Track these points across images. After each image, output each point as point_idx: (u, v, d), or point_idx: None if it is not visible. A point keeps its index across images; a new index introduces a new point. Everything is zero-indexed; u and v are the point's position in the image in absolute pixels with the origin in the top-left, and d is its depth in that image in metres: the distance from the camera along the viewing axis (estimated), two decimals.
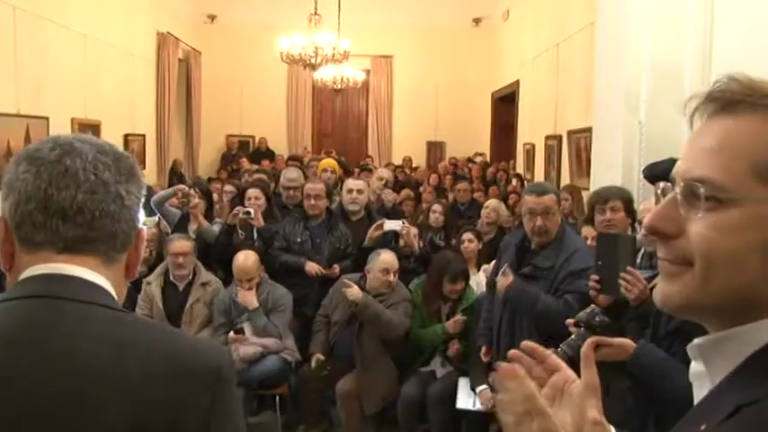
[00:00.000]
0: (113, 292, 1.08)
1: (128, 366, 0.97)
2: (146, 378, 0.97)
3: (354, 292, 4.43)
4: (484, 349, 3.99)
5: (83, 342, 0.98)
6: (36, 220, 1.03)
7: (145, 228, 1.16)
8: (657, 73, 5.08)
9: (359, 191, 5.32)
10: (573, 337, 2.53)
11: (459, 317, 4.51)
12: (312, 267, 4.95)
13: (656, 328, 2.64)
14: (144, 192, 1.14)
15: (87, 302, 1.02)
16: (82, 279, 1.04)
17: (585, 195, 4.43)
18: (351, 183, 5.40)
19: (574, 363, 2.48)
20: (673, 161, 3.96)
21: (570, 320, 2.62)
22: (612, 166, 5.50)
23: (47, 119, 7.93)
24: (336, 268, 4.97)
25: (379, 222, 5.01)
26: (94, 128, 9.23)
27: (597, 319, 2.51)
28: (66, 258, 1.04)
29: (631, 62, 5.19)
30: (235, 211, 5.06)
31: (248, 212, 5.03)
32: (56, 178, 1.03)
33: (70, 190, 1.03)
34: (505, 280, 3.52)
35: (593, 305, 2.60)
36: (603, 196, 3.58)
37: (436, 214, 5.87)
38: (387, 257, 4.63)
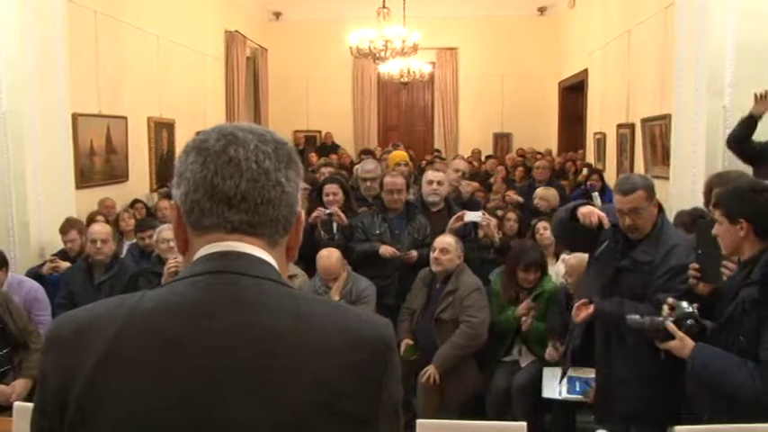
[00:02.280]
0: (278, 269, 1.13)
1: (306, 337, 1.02)
2: (323, 348, 1.02)
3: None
4: (551, 349, 4.03)
5: (262, 314, 1.03)
6: (204, 207, 1.09)
7: (303, 211, 1.20)
8: (742, 55, 4.95)
9: (439, 182, 5.32)
10: (658, 317, 2.64)
11: (529, 302, 4.48)
12: (386, 249, 4.98)
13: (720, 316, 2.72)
14: (302, 176, 1.19)
15: (261, 277, 1.07)
16: (253, 256, 1.10)
17: (659, 184, 4.32)
18: (431, 174, 5.40)
19: (643, 333, 2.63)
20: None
21: (671, 300, 2.69)
22: (694, 154, 5.38)
23: (125, 118, 8.18)
24: (414, 253, 4.98)
25: (459, 213, 5.01)
26: (169, 126, 9.49)
27: (688, 322, 2.62)
28: (237, 237, 1.10)
29: (714, 45, 5.07)
30: (315, 214, 5.11)
31: (330, 214, 5.11)
32: (221, 168, 1.09)
33: (234, 179, 1.08)
34: (584, 313, 3.48)
35: (694, 305, 2.67)
36: (725, 178, 3.51)
37: (510, 222, 5.81)
38: (438, 237, 4.67)
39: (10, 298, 4.33)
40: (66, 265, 5.30)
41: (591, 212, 3.44)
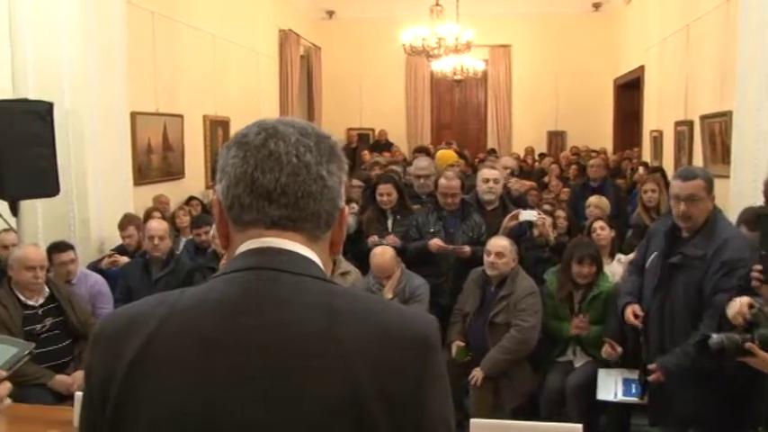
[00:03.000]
0: (321, 265, 1.12)
1: (342, 334, 1.01)
2: (359, 346, 1.00)
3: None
4: (607, 347, 3.96)
5: (298, 311, 1.02)
6: (244, 202, 1.09)
7: (347, 207, 1.18)
8: None
9: (495, 180, 5.29)
10: (732, 334, 2.52)
11: (582, 318, 4.41)
12: (435, 243, 4.97)
13: None
14: (346, 170, 1.17)
15: (299, 274, 1.07)
16: (292, 251, 1.09)
17: (719, 183, 4.20)
18: (486, 172, 5.37)
19: (723, 352, 2.49)
20: None
21: (746, 301, 2.60)
22: (757, 151, 5.22)
23: (181, 117, 8.32)
24: (467, 248, 4.95)
25: (514, 212, 4.97)
26: (224, 124, 9.62)
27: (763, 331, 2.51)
28: (276, 233, 1.09)
29: None
30: (372, 240, 5.13)
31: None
32: (261, 162, 1.08)
33: (274, 173, 1.07)
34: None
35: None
36: None
37: (560, 219, 5.74)
38: (492, 240, 4.61)
39: (72, 291, 4.46)
40: (124, 260, 5.42)
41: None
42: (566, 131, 14.58)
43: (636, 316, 3.59)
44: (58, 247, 4.76)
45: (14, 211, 4.74)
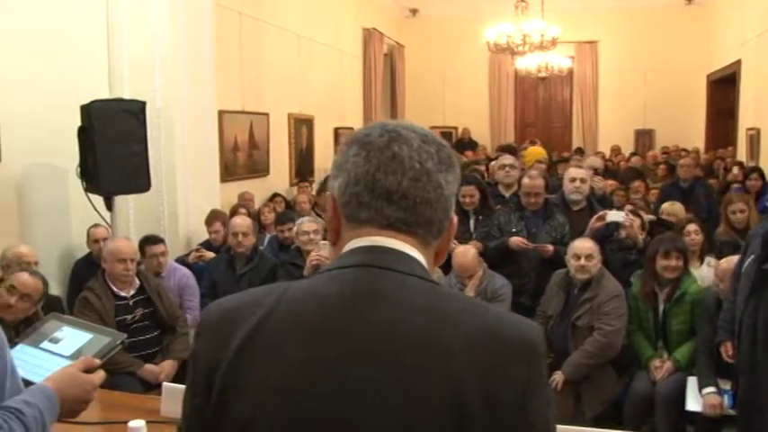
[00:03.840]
0: (427, 268, 1.13)
1: (447, 336, 1.00)
2: (464, 347, 1.00)
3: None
4: (728, 345, 3.73)
5: (404, 310, 1.03)
6: (362, 200, 1.10)
7: (456, 217, 1.19)
8: None
9: (582, 180, 5.19)
10: None
11: (668, 363, 4.26)
12: (515, 240, 4.91)
13: None
14: (459, 181, 1.18)
15: (407, 273, 1.07)
16: (402, 252, 1.09)
17: None
18: (573, 171, 5.28)
19: None
20: None
21: None
22: None
23: (267, 115, 8.48)
24: (549, 247, 4.87)
25: (600, 213, 4.85)
26: (308, 122, 9.76)
27: None
28: (390, 234, 1.10)
29: None
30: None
31: None
32: (384, 163, 1.09)
33: (396, 175, 1.08)
34: None
35: None
36: None
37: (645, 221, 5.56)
38: (577, 243, 4.49)
39: (160, 284, 4.60)
40: (210, 255, 5.56)
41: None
42: (654, 130, 14.16)
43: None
44: (150, 240, 4.97)
45: (109, 206, 4.93)
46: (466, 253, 4.62)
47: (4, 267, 4.20)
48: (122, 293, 4.31)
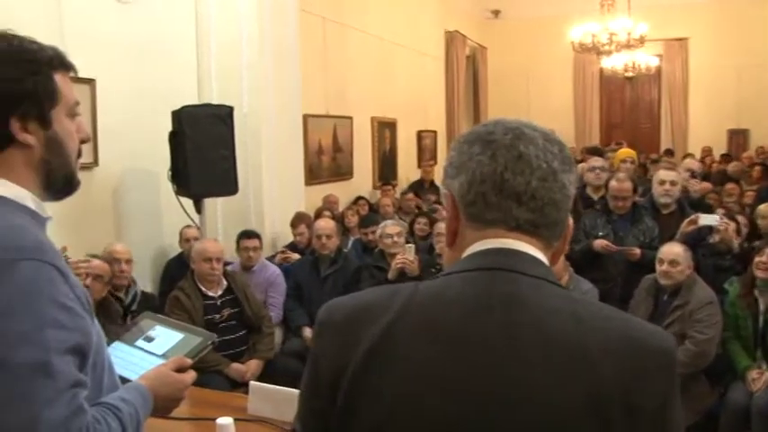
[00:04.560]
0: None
1: (587, 341, 0.98)
2: (604, 353, 0.98)
3: None
4: None
5: (540, 314, 1.01)
6: (490, 200, 1.07)
7: (571, 219, 1.17)
8: None
9: (672, 182, 5.02)
10: None
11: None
12: (600, 243, 4.80)
13: None
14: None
15: (538, 278, 1.05)
16: (532, 256, 1.07)
17: None
18: (663, 174, 5.11)
19: None
20: None
21: None
22: None
23: (350, 118, 8.57)
24: (636, 250, 4.74)
25: (692, 217, 4.67)
26: (391, 126, 9.81)
27: None
28: (518, 236, 1.07)
29: None
30: None
31: None
32: (511, 163, 1.06)
33: (525, 176, 1.06)
34: None
35: None
36: None
37: (742, 225, 5.33)
38: (664, 247, 4.33)
39: (248, 284, 4.71)
40: (295, 256, 5.66)
41: None
42: (749, 129, 13.56)
43: None
44: (245, 234, 5.21)
45: (198, 208, 5.08)
46: None
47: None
48: (210, 293, 4.43)
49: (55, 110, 1.35)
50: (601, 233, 4.92)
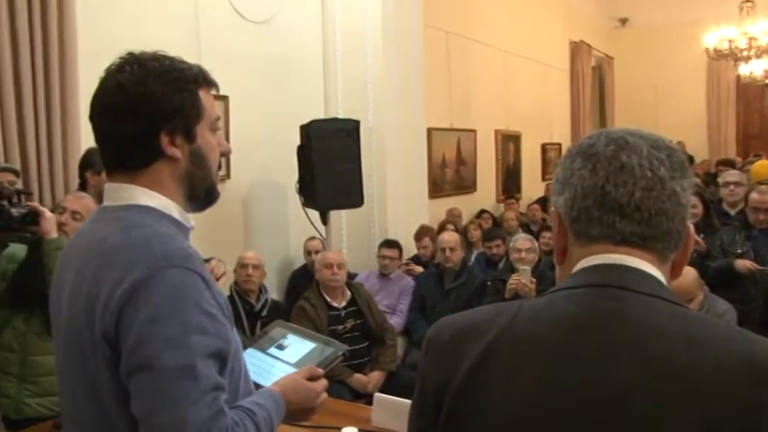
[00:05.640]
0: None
1: (699, 363, 0.92)
2: (719, 377, 0.91)
3: None
4: None
5: (647, 333, 0.95)
6: (592, 215, 1.04)
7: (692, 226, 1.10)
8: None
9: None
10: None
11: None
12: (743, 263, 4.52)
13: None
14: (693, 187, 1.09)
15: (649, 294, 1.00)
16: (641, 271, 1.02)
17: None
18: None
19: None
20: None
21: None
22: None
23: (474, 131, 8.52)
24: None
25: None
26: (515, 138, 9.69)
27: None
28: (625, 251, 1.03)
29: None
30: None
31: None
32: (612, 175, 1.02)
33: (627, 187, 1.01)
34: None
35: None
36: None
37: None
38: None
39: (371, 296, 4.76)
40: (418, 269, 5.68)
41: None
42: None
43: None
44: (387, 243, 5.43)
45: (324, 220, 5.19)
46: (686, 273, 4.32)
47: (235, 270, 4.56)
48: (335, 304, 4.50)
49: (199, 125, 1.41)
50: (739, 250, 4.65)
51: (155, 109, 1.34)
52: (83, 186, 3.44)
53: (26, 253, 2.80)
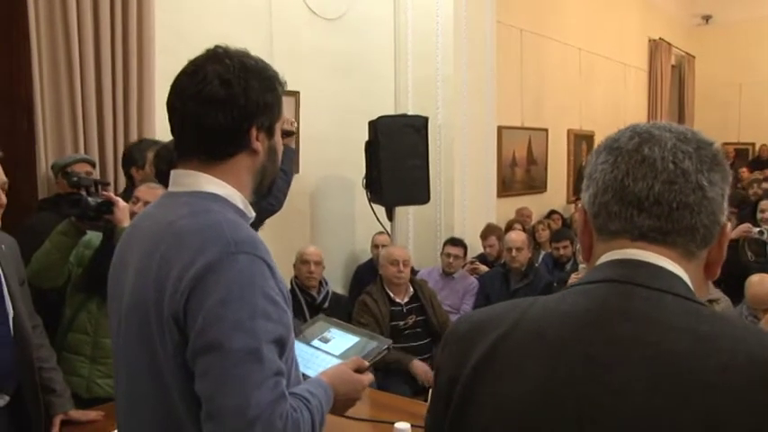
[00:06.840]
0: (691, 285, 1.01)
1: (706, 361, 0.89)
2: (726, 377, 0.87)
3: None
4: None
5: (653, 330, 0.93)
6: (611, 210, 1.02)
7: (729, 224, 1.06)
8: None
9: None
10: None
11: None
12: None
13: None
14: (730, 182, 1.05)
15: (661, 290, 0.97)
16: (657, 266, 0.99)
17: None
18: None
19: None
20: None
21: None
22: None
23: (546, 130, 8.41)
24: None
25: None
26: (588, 138, 9.51)
27: None
28: (642, 246, 1.01)
29: None
30: (744, 229, 4.72)
31: (761, 232, 4.69)
32: (632, 168, 1.00)
33: (647, 180, 0.99)
34: None
35: None
36: None
37: None
38: None
39: (435, 294, 4.76)
40: (484, 268, 5.64)
41: None
42: None
43: None
44: (451, 241, 5.43)
45: (390, 215, 5.21)
46: (762, 281, 4.16)
47: (295, 265, 4.63)
48: (397, 300, 4.52)
49: (278, 123, 1.49)
50: None
51: (252, 104, 1.40)
52: (130, 182, 3.58)
53: (101, 240, 2.91)
